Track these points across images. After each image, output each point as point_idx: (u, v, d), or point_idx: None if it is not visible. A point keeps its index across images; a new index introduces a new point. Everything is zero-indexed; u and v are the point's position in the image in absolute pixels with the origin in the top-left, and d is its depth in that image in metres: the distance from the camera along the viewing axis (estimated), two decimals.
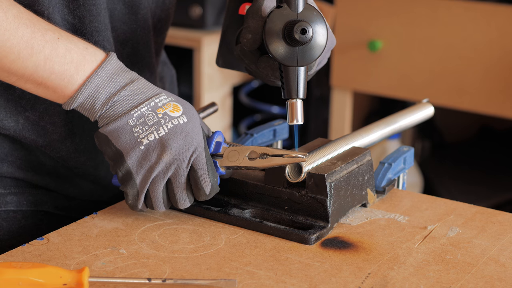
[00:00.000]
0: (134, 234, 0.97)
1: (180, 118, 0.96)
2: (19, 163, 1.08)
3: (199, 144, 0.96)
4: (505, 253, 0.94)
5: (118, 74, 0.97)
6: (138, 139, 0.95)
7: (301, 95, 0.98)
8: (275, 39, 0.96)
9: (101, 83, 0.96)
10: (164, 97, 0.97)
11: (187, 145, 0.96)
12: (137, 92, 0.96)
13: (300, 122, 0.98)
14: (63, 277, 0.82)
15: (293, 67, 0.97)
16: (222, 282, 0.85)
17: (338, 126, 2.47)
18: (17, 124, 1.06)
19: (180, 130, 0.95)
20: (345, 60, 2.38)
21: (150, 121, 0.95)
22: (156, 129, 0.95)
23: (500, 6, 2.15)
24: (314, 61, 0.98)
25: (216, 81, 2.55)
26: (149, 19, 1.14)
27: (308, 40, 0.95)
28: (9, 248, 0.94)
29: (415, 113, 1.19)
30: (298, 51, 0.96)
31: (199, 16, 2.48)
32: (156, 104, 0.96)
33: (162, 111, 0.96)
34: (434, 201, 1.09)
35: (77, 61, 0.95)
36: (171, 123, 0.95)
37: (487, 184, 2.47)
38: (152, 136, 0.95)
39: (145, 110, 0.96)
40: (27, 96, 1.05)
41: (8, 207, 1.08)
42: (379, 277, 0.88)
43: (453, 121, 2.70)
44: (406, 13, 2.27)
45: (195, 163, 0.97)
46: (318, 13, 0.97)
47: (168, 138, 0.95)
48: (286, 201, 1.00)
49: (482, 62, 2.19)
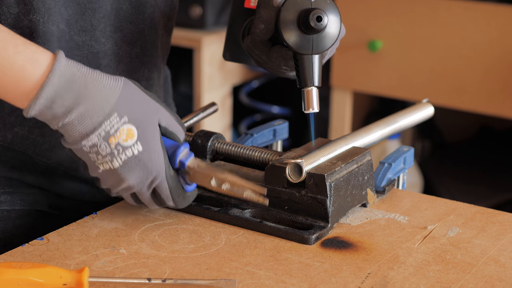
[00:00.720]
0: (134, 234, 0.97)
1: (134, 147, 0.91)
2: (12, 163, 1.08)
3: (158, 172, 0.93)
4: (505, 253, 0.94)
5: (61, 94, 0.88)
6: (95, 163, 0.93)
7: (316, 83, 0.98)
8: (290, 27, 0.97)
9: (42, 108, 0.89)
10: (116, 120, 0.90)
11: (145, 177, 0.93)
12: (85, 116, 0.89)
13: (316, 110, 0.99)
14: (63, 277, 0.82)
15: (308, 55, 0.98)
16: (222, 282, 0.85)
17: (338, 126, 2.47)
18: (4, 139, 1.05)
19: (136, 162, 0.91)
20: (345, 60, 2.38)
21: (103, 151, 0.91)
22: (110, 160, 0.91)
23: (500, 6, 2.15)
24: (328, 49, 0.99)
25: (216, 81, 2.55)
26: (157, 18, 1.14)
27: (323, 27, 0.96)
28: (3, 247, 0.94)
29: (415, 113, 1.19)
30: (313, 39, 0.97)
31: (199, 16, 2.48)
32: (108, 133, 0.90)
33: (115, 141, 0.90)
34: (434, 201, 1.09)
35: (14, 83, 0.89)
36: (125, 154, 0.91)
37: (487, 184, 2.47)
38: (107, 165, 0.92)
39: (96, 141, 0.90)
40: (16, 113, 1.04)
41: (2, 206, 1.08)
42: (379, 277, 0.88)
43: (453, 121, 2.70)
44: (406, 13, 2.27)
45: (157, 189, 0.95)
46: (331, 1, 0.98)
47: (123, 171, 0.92)
48: (286, 201, 1.00)
49: (482, 62, 2.19)
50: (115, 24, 1.08)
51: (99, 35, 1.07)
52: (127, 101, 0.91)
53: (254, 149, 1.07)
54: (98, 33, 1.07)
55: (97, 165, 0.92)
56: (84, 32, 1.06)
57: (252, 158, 1.07)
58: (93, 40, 1.06)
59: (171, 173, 0.95)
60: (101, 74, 0.91)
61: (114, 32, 1.09)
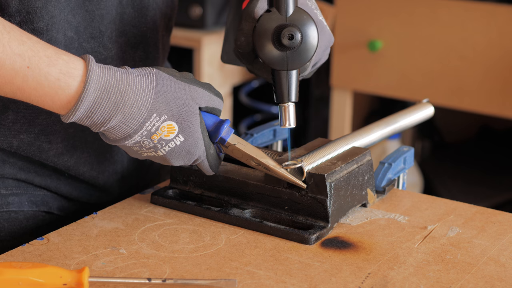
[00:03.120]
0: (134, 234, 0.97)
1: (176, 139, 0.94)
2: (20, 164, 1.08)
3: (201, 155, 0.97)
4: (505, 253, 0.94)
5: (99, 104, 0.90)
6: (138, 153, 0.96)
7: (293, 99, 0.97)
8: (265, 43, 0.96)
9: (81, 118, 0.91)
10: (156, 119, 0.92)
11: (187, 160, 0.97)
12: (124, 121, 0.91)
13: (293, 125, 0.98)
14: (63, 277, 0.82)
15: (284, 71, 0.96)
16: (222, 282, 0.85)
17: (338, 126, 2.47)
18: (11, 145, 1.06)
19: (179, 151, 0.95)
20: (345, 60, 2.38)
21: (146, 145, 0.94)
22: (154, 151, 0.95)
23: (500, 6, 2.15)
24: (306, 63, 0.97)
25: (216, 81, 2.55)
26: (158, 19, 1.14)
27: (297, 44, 0.95)
28: (11, 249, 0.94)
29: (415, 113, 1.19)
30: (288, 56, 0.96)
31: (199, 16, 2.48)
32: (149, 132, 0.93)
33: (157, 137, 0.93)
34: (434, 201, 1.09)
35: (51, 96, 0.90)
36: (168, 146, 0.94)
37: (487, 184, 2.47)
38: (151, 154, 0.96)
39: (139, 139, 0.93)
40: (21, 121, 1.05)
41: (9, 208, 1.08)
42: (379, 277, 0.88)
43: (453, 121, 2.70)
44: (406, 13, 2.27)
45: (198, 165, 0.99)
46: (308, 16, 0.96)
47: (167, 157, 0.96)
48: (286, 201, 1.00)
49: (482, 62, 2.19)
50: (119, 28, 1.08)
51: (106, 40, 1.07)
52: (164, 98, 0.92)
53: None
54: (106, 39, 1.07)
55: (140, 153, 0.96)
56: (93, 39, 1.06)
57: None
58: (101, 47, 1.07)
59: (211, 151, 0.98)
60: (134, 74, 0.92)
61: (119, 36, 1.09)
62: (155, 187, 1.12)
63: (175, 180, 1.08)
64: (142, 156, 0.97)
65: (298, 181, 0.98)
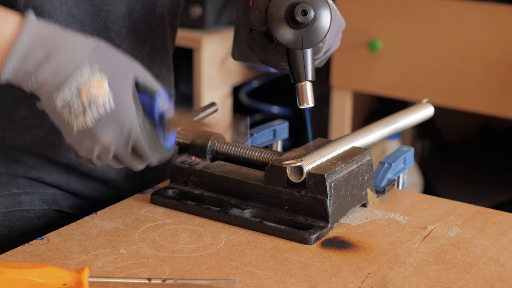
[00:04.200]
0: (134, 234, 0.97)
1: (107, 104, 0.88)
2: (32, 162, 1.08)
3: (132, 127, 0.90)
4: (505, 253, 0.94)
5: (32, 48, 0.87)
6: (69, 125, 0.90)
7: (309, 77, 0.98)
8: (278, 23, 0.96)
9: (16, 67, 0.87)
10: (87, 70, 0.88)
11: (118, 132, 0.90)
12: (57, 70, 0.88)
13: (311, 104, 0.98)
14: (63, 277, 0.82)
15: (299, 50, 0.97)
16: (222, 282, 0.85)
17: (338, 126, 2.47)
18: (23, 141, 1.05)
19: (108, 119, 0.89)
20: (345, 60, 2.38)
21: (75, 110, 0.89)
22: (83, 119, 0.89)
23: (500, 6, 2.15)
24: (320, 42, 0.98)
25: (216, 81, 2.55)
26: (165, 16, 1.14)
27: (311, 21, 0.95)
28: None
29: (415, 113, 1.19)
30: (302, 34, 0.96)
31: (199, 16, 2.48)
32: (79, 85, 0.87)
33: (86, 97, 0.87)
34: (434, 201, 1.09)
35: None
36: (97, 112, 0.88)
37: (487, 184, 2.47)
38: (80, 124, 0.89)
39: (68, 94, 0.88)
40: (33, 116, 1.05)
41: (21, 206, 1.08)
42: (379, 277, 0.88)
43: (453, 121, 2.70)
44: (406, 13, 2.27)
45: (135, 147, 0.93)
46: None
47: (97, 129, 0.89)
48: (286, 201, 1.00)
49: (482, 62, 2.19)
50: (129, 25, 1.08)
51: (114, 36, 1.07)
52: (100, 54, 0.89)
53: (254, 149, 1.07)
54: (112, 34, 1.07)
55: (71, 126, 0.90)
56: (98, 34, 1.06)
57: (252, 158, 1.07)
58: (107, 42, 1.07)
59: (147, 127, 0.92)
60: (75, 33, 0.90)
61: (129, 33, 1.09)
62: (155, 187, 1.12)
63: (175, 180, 1.08)
64: (73, 132, 0.90)
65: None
